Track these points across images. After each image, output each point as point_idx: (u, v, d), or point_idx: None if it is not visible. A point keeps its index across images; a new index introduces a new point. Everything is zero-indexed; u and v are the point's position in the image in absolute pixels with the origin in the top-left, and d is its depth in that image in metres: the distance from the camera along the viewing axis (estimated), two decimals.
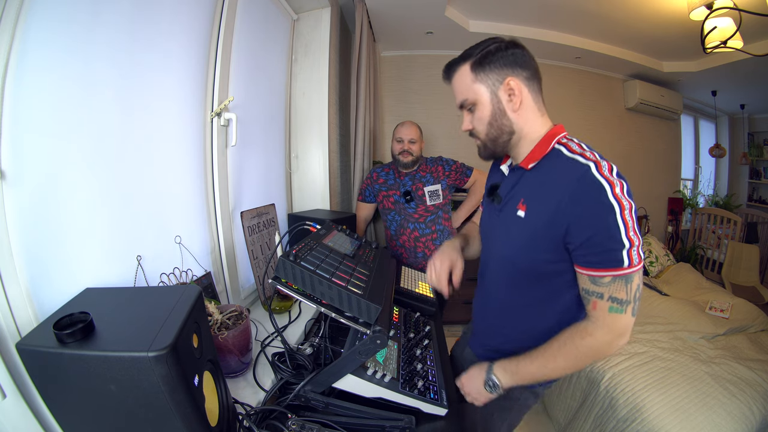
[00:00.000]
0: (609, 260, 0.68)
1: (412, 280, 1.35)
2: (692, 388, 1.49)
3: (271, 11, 1.56)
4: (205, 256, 1.12)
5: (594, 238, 0.67)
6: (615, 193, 0.66)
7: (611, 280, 0.69)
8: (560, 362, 0.75)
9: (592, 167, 0.68)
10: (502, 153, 0.85)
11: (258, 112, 1.47)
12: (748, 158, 4.48)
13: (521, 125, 0.79)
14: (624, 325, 0.71)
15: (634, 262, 0.67)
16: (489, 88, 0.78)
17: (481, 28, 2.69)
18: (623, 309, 0.69)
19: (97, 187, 0.75)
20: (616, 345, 0.72)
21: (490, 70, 0.77)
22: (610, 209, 0.65)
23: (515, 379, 0.80)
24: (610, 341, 0.71)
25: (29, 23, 0.61)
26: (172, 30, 0.97)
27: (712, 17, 1.89)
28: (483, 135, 0.82)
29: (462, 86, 0.81)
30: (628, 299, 0.69)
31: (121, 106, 0.80)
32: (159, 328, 0.51)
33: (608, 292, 0.69)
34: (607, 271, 0.68)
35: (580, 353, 0.73)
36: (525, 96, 0.78)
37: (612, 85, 3.61)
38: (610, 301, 0.69)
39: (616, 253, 0.67)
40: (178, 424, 0.50)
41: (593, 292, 0.71)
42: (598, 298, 0.71)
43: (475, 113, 0.81)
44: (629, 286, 0.69)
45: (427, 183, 1.88)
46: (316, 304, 0.75)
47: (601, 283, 0.70)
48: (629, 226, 0.66)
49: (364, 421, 0.75)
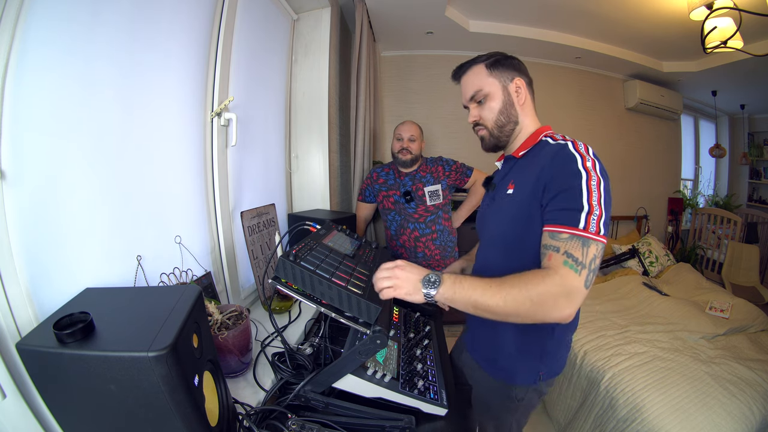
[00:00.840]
0: (567, 218, 0.72)
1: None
2: (692, 388, 1.49)
3: (271, 11, 1.56)
4: (205, 256, 1.12)
5: (558, 195, 0.74)
6: (585, 165, 0.74)
7: (569, 237, 0.70)
8: (499, 296, 0.69)
9: (569, 144, 0.79)
10: (505, 142, 0.94)
11: (258, 112, 1.47)
12: (748, 158, 4.48)
13: (523, 118, 0.92)
14: (574, 285, 0.67)
15: (591, 228, 0.70)
16: (501, 83, 0.90)
17: (481, 28, 2.69)
18: (577, 268, 0.68)
19: (97, 187, 0.75)
20: (560, 306, 0.67)
21: (503, 69, 0.91)
22: (578, 174, 0.73)
23: (453, 290, 0.73)
24: (556, 296, 0.67)
25: (29, 23, 0.61)
26: (172, 30, 0.97)
27: (712, 17, 1.89)
28: (491, 122, 0.92)
29: (476, 80, 0.92)
30: (583, 262, 0.68)
31: (121, 105, 0.80)
32: (159, 328, 0.51)
33: (564, 247, 0.70)
34: (564, 228, 0.71)
35: (524, 296, 0.68)
36: (527, 95, 0.92)
37: (612, 85, 3.61)
38: (566, 255, 0.69)
39: (575, 212, 0.71)
40: (178, 424, 0.50)
41: (550, 245, 0.72)
42: (554, 251, 0.71)
43: (486, 104, 0.91)
44: (585, 249, 0.69)
45: (427, 183, 1.88)
46: (316, 304, 0.75)
47: (558, 238, 0.72)
48: (593, 195, 0.71)
49: (364, 421, 0.75)
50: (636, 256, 3.02)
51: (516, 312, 0.70)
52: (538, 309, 0.68)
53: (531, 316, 0.70)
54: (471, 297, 0.72)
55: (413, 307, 1.20)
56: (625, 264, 3.00)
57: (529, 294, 0.68)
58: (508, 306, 0.69)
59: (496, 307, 0.70)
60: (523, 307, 0.69)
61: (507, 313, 0.70)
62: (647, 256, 3.04)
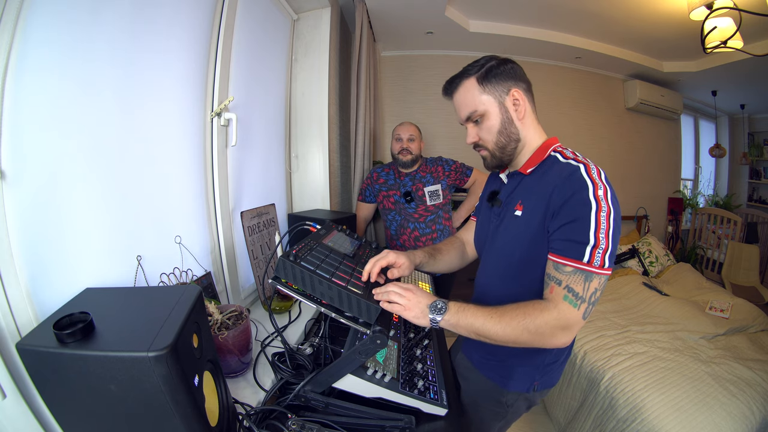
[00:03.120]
0: (571, 250, 0.70)
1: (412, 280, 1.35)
2: (692, 388, 1.49)
3: (271, 11, 1.56)
4: (205, 256, 1.12)
5: (565, 226, 0.72)
6: (597, 194, 0.70)
7: (572, 271, 0.70)
8: (500, 326, 0.73)
9: (581, 168, 0.74)
10: (509, 161, 0.88)
11: (258, 112, 1.47)
12: (748, 158, 4.47)
13: (525, 133, 0.84)
14: (572, 319, 0.70)
15: (595, 263, 0.69)
16: (497, 99, 0.82)
17: (481, 28, 2.69)
18: (576, 303, 0.70)
19: (97, 187, 0.75)
20: (557, 337, 0.71)
21: (496, 82, 0.81)
22: (587, 205, 0.70)
23: (458, 317, 0.76)
24: (553, 328, 0.70)
25: (29, 23, 0.61)
26: (172, 29, 0.97)
27: (712, 17, 1.89)
28: (492, 144, 0.85)
29: (469, 99, 0.84)
30: (583, 297, 0.70)
31: (121, 105, 0.80)
32: (159, 328, 0.51)
33: (566, 281, 0.70)
34: (569, 260, 0.70)
35: (523, 326, 0.71)
36: (527, 106, 0.83)
37: (612, 85, 3.61)
38: (566, 290, 0.70)
39: (580, 246, 0.70)
40: (178, 424, 0.50)
41: (553, 277, 0.73)
42: (556, 284, 0.72)
43: (483, 124, 0.84)
44: (587, 284, 0.69)
45: (427, 183, 1.88)
46: (316, 304, 0.75)
47: (562, 271, 0.71)
48: (600, 227, 0.69)
49: (364, 421, 0.75)
50: (636, 256, 3.02)
51: (515, 341, 0.73)
52: (535, 339, 0.72)
53: (529, 344, 0.73)
54: (473, 325, 0.75)
55: None
56: (625, 264, 3.00)
57: (527, 326, 0.71)
58: (508, 335, 0.72)
59: (495, 335, 0.73)
60: (522, 337, 0.72)
61: (506, 341, 0.73)
62: (647, 256, 3.04)
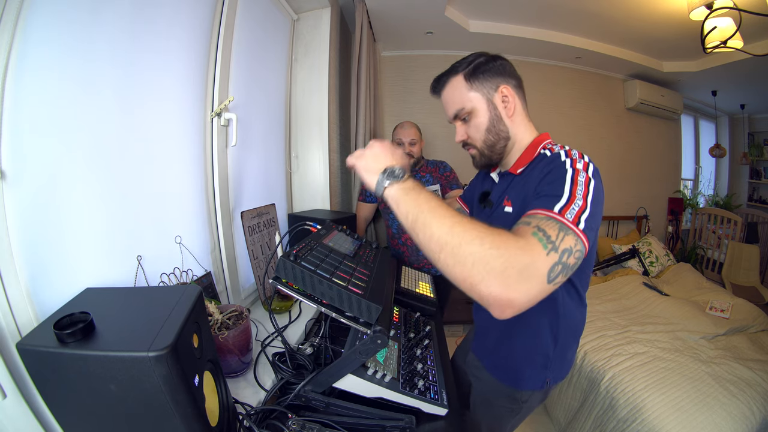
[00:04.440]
0: (544, 202, 0.63)
1: (412, 280, 1.35)
2: (692, 388, 1.49)
3: (271, 11, 1.56)
4: (205, 256, 1.12)
5: (541, 185, 0.70)
6: (575, 165, 0.69)
7: (544, 217, 0.60)
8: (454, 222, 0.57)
9: (562, 153, 0.74)
10: (498, 160, 0.86)
11: (258, 112, 1.47)
12: (748, 158, 4.47)
13: (515, 131, 0.83)
14: (536, 260, 0.53)
15: (567, 215, 0.59)
16: (485, 96, 0.80)
17: (481, 28, 2.69)
18: (546, 246, 0.55)
19: (97, 187, 0.75)
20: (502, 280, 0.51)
21: (484, 78, 0.80)
22: (564, 170, 0.69)
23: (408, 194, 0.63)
24: (509, 260, 0.52)
25: (29, 23, 0.61)
26: (172, 29, 0.97)
27: (712, 17, 1.89)
28: (480, 142, 0.84)
29: (456, 96, 0.82)
30: (555, 243, 0.55)
31: (121, 105, 0.80)
32: (159, 328, 0.51)
33: (536, 222, 0.59)
34: (540, 209, 0.61)
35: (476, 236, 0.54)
36: (517, 103, 0.82)
37: (612, 85, 3.60)
38: (536, 228, 0.57)
39: (553, 198, 0.63)
40: (178, 424, 0.50)
41: (522, 221, 0.62)
42: (524, 225, 0.60)
43: (471, 122, 0.82)
44: (561, 234, 0.57)
45: (426, 183, 1.88)
46: (316, 304, 0.75)
47: (532, 217, 0.61)
48: (577, 187, 0.64)
49: (364, 421, 0.75)
50: (636, 256, 3.02)
51: (455, 246, 0.55)
52: (479, 262, 0.52)
53: (465, 269, 0.53)
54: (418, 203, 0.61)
55: (413, 307, 1.20)
56: (625, 264, 3.00)
57: (483, 237, 0.54)
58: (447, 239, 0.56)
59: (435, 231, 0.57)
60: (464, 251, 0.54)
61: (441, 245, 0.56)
62: (647, 256, 3.04)
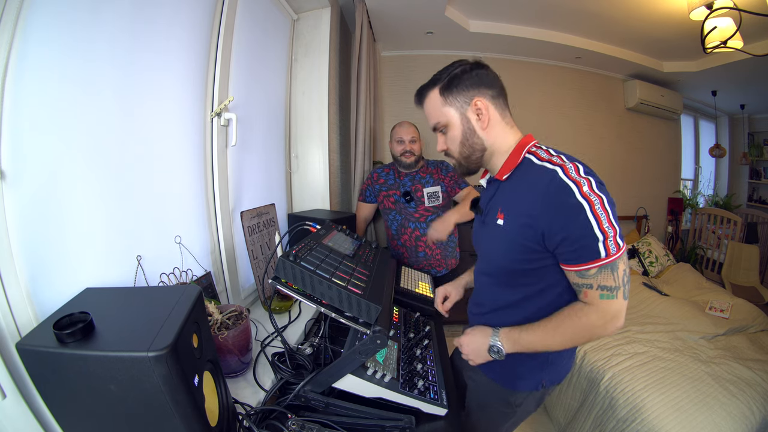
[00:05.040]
0: (587, 254, 0.71)
1: (412, 280, 1.35)
2: (692, 388, 1.49)
3: (271, 11, 1.56)
4: (205, 256, 1.12)
5: (569, 237, 0.71)
6: (583, 192, 0.69)
7: (597, 271, 0.71)
8: (558, 337, 0.78)
9: (559, 171, 0.72)
10: (476, 169, 0.90)
11: (258, 112, 1.47)
12: (748, 158, 4.47)
13: (491, 141, 0.84)
14: (616, 309, 0.73)
15: (611, 252, 0.70)
16: (458, 110, 0.83)
17: (481, 28, 2.69)
18: (614, 294, 0.72)
19: (97, 187, 0.75)
20: (611, 327, 0.75)
21: (458, 92, 0.82)
22: (580, 208, 0.69)
23: (516, 347, 0.82)
24: (604, 324, 0.74)
25: (29, 23, 0.61)
26: (172, 29, 0.97)
27: (712, 17, 1.89)
28: (456, 154, 0.87)
29: (433, 110, 0.86)
30: (617, 285, 0.72)
31: (121, 105, 0.80)
32: (159, 328, 0.51)
33: (596, 282, 0.72)
34: (588, 264, 0.71)
35: (576, 330, 0.76)
36: (492, 114, 0.83)
37: (612, 85, 3.60)
38: (600, 289, 0.72)
39: (592, 246, 0.70)
40: (178, 424, 0.50)
41: (582, 284, 0.74)
42: (588, 288, 0.74)
43: (448, 134, 0.86)
44: (615, 273, 0.71)
45: (426, 184, 1.87)
46: (316, 304, 0.75)
47: (587, 276, 0.73)
48: (601, 219, 0.69)
49: (364, 421, 0.75)
50: (636, 256, 3.02)
51: (573, 344, 0.80)
52: (592, 336, 0.77)
53: (588, 341, 0.81)
54: (533, 347, 0.81)
55: (413, 307, 1.20)
56: None
57: (581, 329, 0.76)
58: (566, 343, 0.79)
59: (556, 347, 0.80)
60: (579, 341, 0.79)
61: (565, 347, 0.80)
62: (647, 256, 3.04)
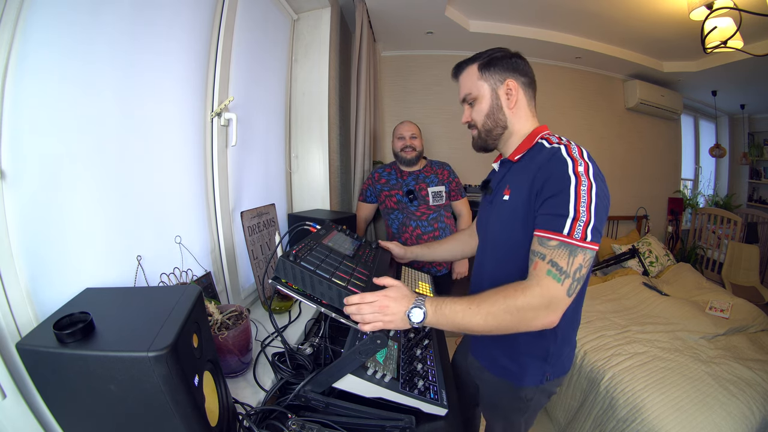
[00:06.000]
0: (552, 224, 0.72)
1: (412, 279, 1.35)
2: (692, 388, 1.49)
3: (271, 11, 1.56)
4: (205, 256, 1.12)
5: (547, 201, 0.75)
6: (576, 170, 0.73)
7: (557, 245, 0.71)
8: (482, 315, 0.71)
9: (562, 148, 0.78)
10: (492, 146, 0.95)
11: (258, 112, 1.47)
12: (748, 158, 4.47)
13: (513, 122, 0.90)
14: (556, 295, 0.69)
15: (575, 235, 0.69)
16: (491, 87, 0.90)
17: (481, 28, 2.69)
18: (560, 278, 0.69)
19: (97, 187, 0.75)
20: (541, 317, 0.70)
21: (495, 71, 0.89)
22: (567, 179, 0.73)
23: (437, 317, 0.75)
24: (536, 307, 0.69)
25: (29, 24, 0.61)
26: (172, 30, 0.97)
27: (712, 17, 1.89)
28: (480, 125, 0.93)
29: (468, 81, 0.93)
30: (567, 271, 0.69)
31: (121, 106, 0.80)
32: (159, 328, 0.51)
33: (550, 255, 0.71)
34: (550, 233, 0.72)
35: (503, 310, 0.70)
36: (521, 97, 0.90)
37: (612, 85, 3.61)
38: (550, 264, 0.70)
39: (560, 218, 0.71)
40: (178, 424, 0.50)
41: (538, 252, 0.73)
42: (540, 259, 0.72)
43: (475, 106, 0.92)
44: (572, 258, 0.69)
45: (431, 183, 1.88)
46: (316, 304, 0.75)
47: (547, 245, 0.72)
48: (581, 201, 0.71)
49: (364, 421, 0.75)
50: (636, 256, 3.02)
51: (497, 327, 0.72)
52: (519, 321, 0.71)
53: (514, 328, 0.72)
54: (453, 320, 0.74)
55: None
56: (625, 264, 3.00)
57: (509, 308, 0.70)
58: (489, 323, 0.72)
59: (477, 326, 0.73)
60: (504, 322, 0.71)
61: (489, 329, 0.73)
62: (647, 256, 3.04)
